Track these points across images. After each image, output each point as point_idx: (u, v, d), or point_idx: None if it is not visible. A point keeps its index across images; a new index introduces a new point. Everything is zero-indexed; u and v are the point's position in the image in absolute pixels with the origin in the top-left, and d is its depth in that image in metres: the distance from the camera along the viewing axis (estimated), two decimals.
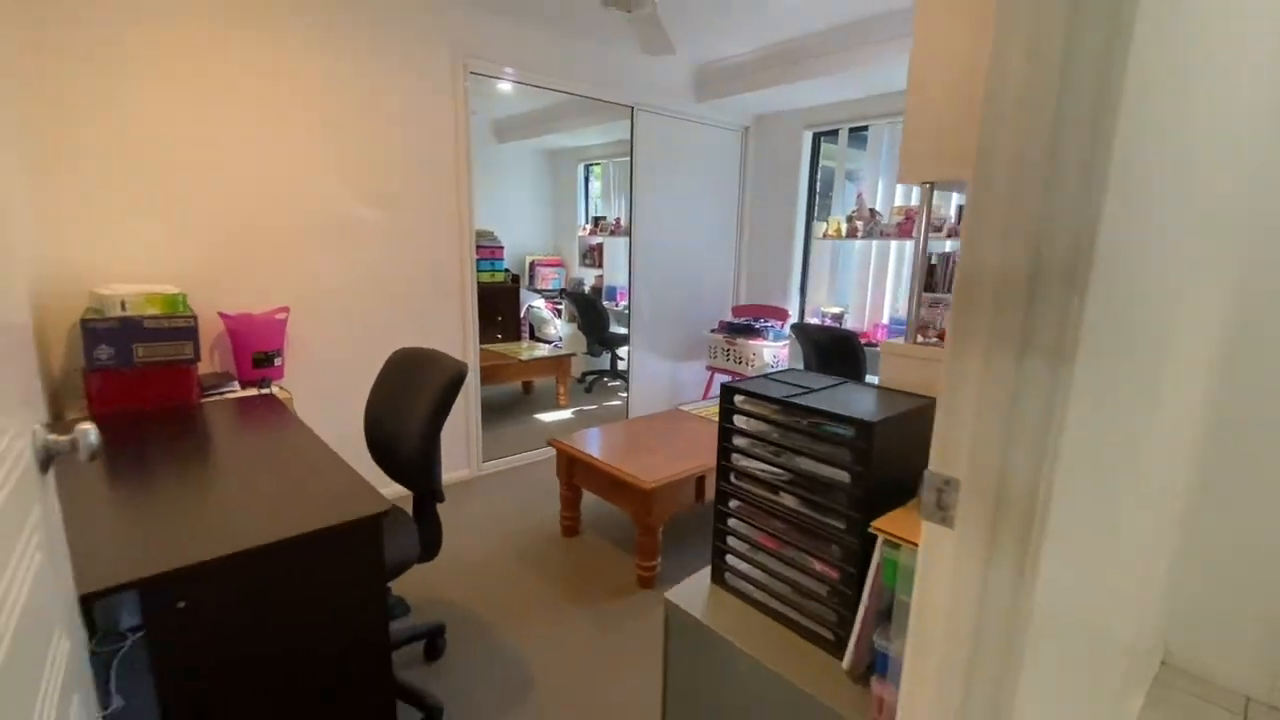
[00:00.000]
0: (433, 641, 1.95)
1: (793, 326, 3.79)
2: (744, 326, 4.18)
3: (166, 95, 2.30)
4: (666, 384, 4.48)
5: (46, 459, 0.80)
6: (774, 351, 4.07)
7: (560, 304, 6.03)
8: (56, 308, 2.15)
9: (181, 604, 1.04)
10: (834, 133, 4.16)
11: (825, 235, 4.02)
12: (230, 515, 1.22)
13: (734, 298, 4.75)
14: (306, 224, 2.69)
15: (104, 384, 1.96)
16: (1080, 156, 0.53)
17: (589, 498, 2.79)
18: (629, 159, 3.96)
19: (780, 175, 4.40)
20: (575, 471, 2.64)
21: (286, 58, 2.53)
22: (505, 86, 3.44)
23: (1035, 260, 0.56)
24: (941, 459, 0.65)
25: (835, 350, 3.33)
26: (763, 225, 4.57)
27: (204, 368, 2.27)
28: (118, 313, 2.00)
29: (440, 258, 3.14)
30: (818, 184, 4.33)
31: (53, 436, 0.80)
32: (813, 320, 4.29)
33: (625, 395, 4.39)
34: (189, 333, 2.07)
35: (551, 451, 2.74)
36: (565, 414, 4.64)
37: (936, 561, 0.67)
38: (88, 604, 0.93)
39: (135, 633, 2.00)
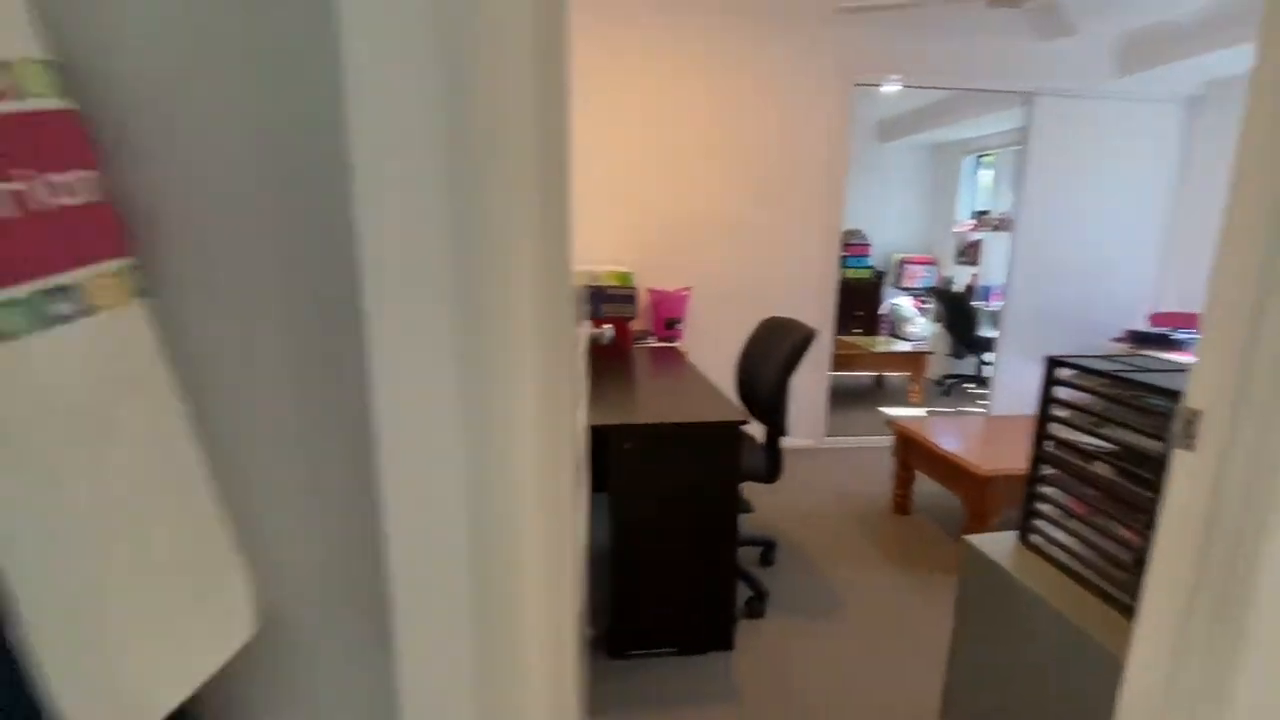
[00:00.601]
0: (766, 552, 2.44)
1: None
2: (1158, 337, 3.50)
3: (630, 130, 3.31)
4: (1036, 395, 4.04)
5: (597, 343, 1.51)
6: None
7: (927, 302, 5.87)
8: None
9: (627, 445, 1.73)
10: None
11: None
12: (649, 405, 1.91)
13: (1153, 303, 3.95)
14: (708, 223, 3.48)
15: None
16: None
17: (926, 486, 2.89)
18: (1022, 148, 3.72)
19: None
20: (911, 452, 2.79)
21: (710, 92, 3.33)
22: (889, 89, 3.66)
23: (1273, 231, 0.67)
24: (1191, 396, 0.78)
25: None
26: (1204, 218, 3.68)
27: (635, 325, 3.23)
28: (593, 283, 3.04)
29: (809, 254, 3.61)
30: None
31: (607, 329, 1.51)
32: None
33: (986, 403, 4.14)
34: (631, 299, 2.99)
35: (891, 440, 2.94)
36: (916, 411, 4.61)
37: (1179, 478, 0.80)
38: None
39: None
